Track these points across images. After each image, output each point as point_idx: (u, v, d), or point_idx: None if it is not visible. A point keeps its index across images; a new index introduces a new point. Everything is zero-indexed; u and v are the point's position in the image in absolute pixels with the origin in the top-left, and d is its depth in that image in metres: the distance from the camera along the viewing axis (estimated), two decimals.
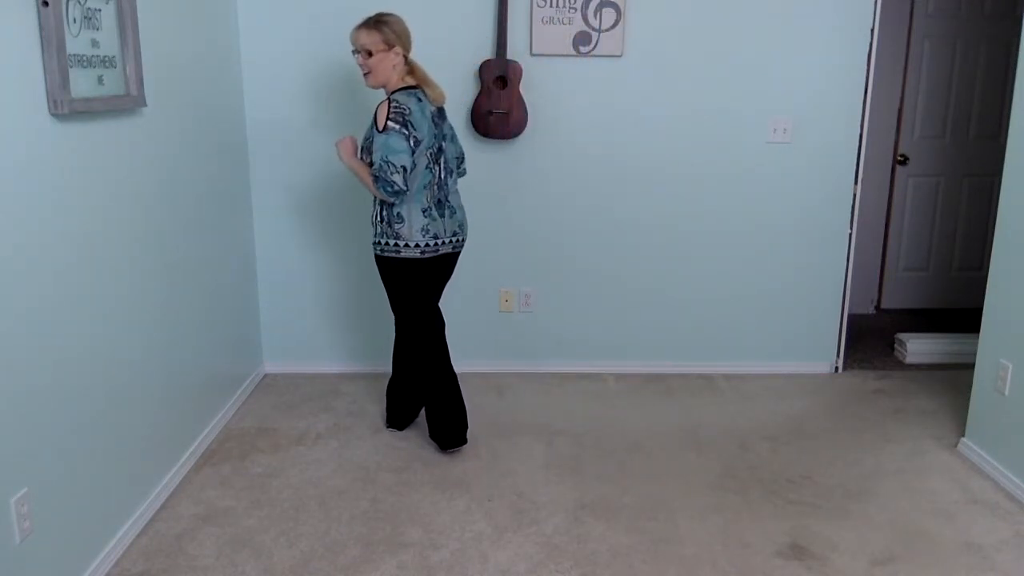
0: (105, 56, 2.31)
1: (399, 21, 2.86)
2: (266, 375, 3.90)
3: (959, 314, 4.94)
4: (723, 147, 3.76)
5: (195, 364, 3.05)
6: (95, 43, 2.26)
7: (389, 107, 2.74)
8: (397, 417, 3.28)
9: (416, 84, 2.87)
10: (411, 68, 2.89)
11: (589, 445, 3.19)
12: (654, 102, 3.70)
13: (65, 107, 2.07)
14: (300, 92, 3.64)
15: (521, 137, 3.69)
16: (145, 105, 2.53)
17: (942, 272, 5.06)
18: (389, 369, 3.92)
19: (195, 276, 3.05)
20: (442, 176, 2.91)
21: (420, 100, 2.81)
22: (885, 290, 5.04)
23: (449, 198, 2.94)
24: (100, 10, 2.29)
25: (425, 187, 2.85)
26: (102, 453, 2.35)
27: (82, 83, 2.19)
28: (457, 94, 3.64)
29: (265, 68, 3.61)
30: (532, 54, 3.61)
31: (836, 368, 4.02)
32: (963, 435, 3.19)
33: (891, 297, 5.05)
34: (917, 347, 4.14)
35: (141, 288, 2.59)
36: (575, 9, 3.56)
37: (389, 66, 2.82)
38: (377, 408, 3.50)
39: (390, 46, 2.80)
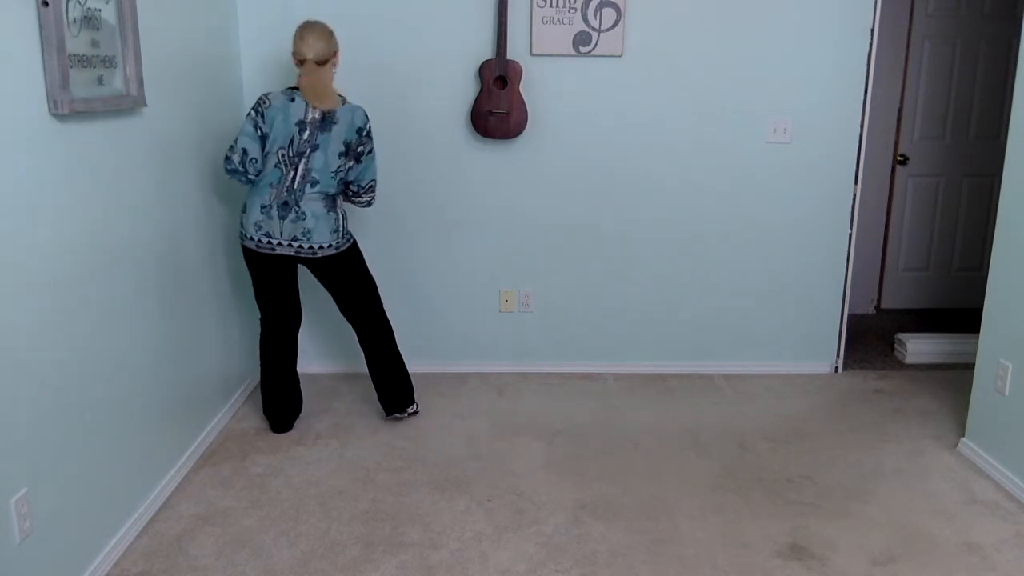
0: (105, 56, 2.31)
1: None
2: None
3: (959, 314, 4.94)
4: (723, 147, 3.76)
5: (195, 364, 3.05)
6: (95, 43, 2.26)
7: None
8: (274, 417, 3.29)
9: (297, 86, 2.97)
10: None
11: (589, 445, 3.19)
12: (654, 102, 3.70)
13: (65, 107, 2.07)
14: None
15: (521, 137, 3.69)
16: (145, 105, 2.53)
17: (942, 272, 5.05)
18: None
19: (195, 276, 3.05)
20: (294, 181, 2.94)
21: (292, 100, 2.94)
22: (885, 290, 5.04)
23: (300, 204, 2.95)
24: (100, 10, 2.29)
25: (271, 185, 2.96)
26: (102, 453, 2.35)
27: (82, 83, 2.19)
28: (457, 94, 3.65)
29: (265, 68, 3.61)
30: (532, 54, 3.61)
31: (836, 368, 4.02)
32: (963, 435, 3.19)
33: (891, 297, 5.05)
34: (917, 347, 4.14)
35: (141, 288, 2.59)
36: (575, 9, 3.56)
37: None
38: (376, 408, 3.50)
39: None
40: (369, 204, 3.14)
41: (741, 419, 3.45)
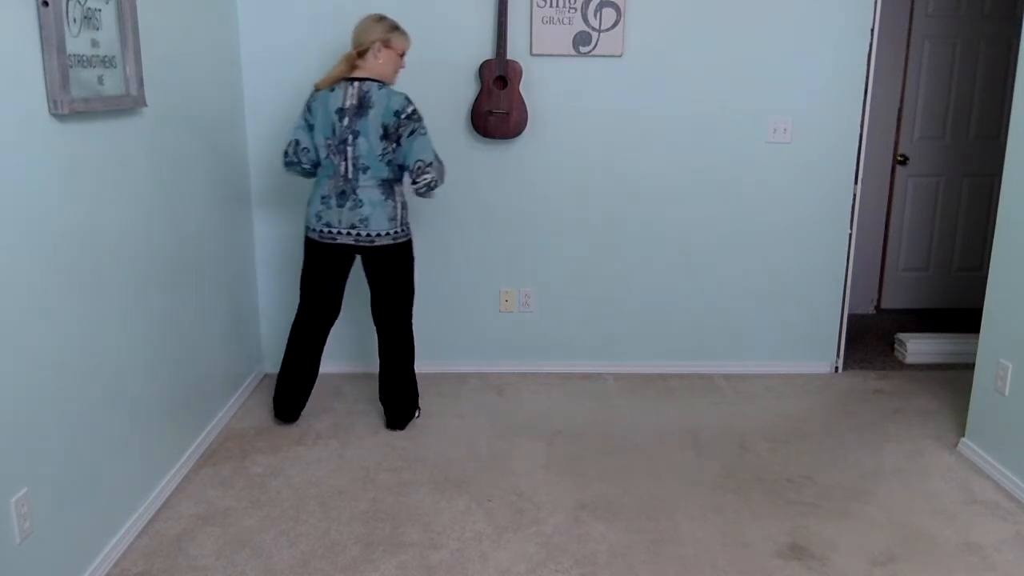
0: (105, 56, 2.31)
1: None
2: (266, 375, 3.90)
3: (959, 314, 4.94)
4: (723, 147, 3.76)
5: (195, 364, 3.05)
6: (95, 43, 2.26)
7: None
8: (281, 405, 3.33)
9: (347, 78, 3.04)
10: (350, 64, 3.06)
11: (589, 445, 3.19)
12: (654, 102, 3.70)
13: (65, 107, 2.07)
14: (300, 92, 3.64)
15: (521, 137, 3.69)
16: (145, 105, 2.53)
17: (942, 272, 5.06)
18: None
19: (195, 276, 3.05)
20: (347, 169, 3.01)
21: (332, 91, 3.01)
22: (885, 290, 5.04)
23: (357, 191, 3.02)
24: (100, 10, 2.29)
25: (329, 176, 3.04)
26: (102, 453, 2.35)
27: (82, 83, 2.19)
28: (457, 94, 3.65)
29: (265, 68, 3.61)
30: (532, 54, 3.61)
31: (836, 368, 4.02)
32: (963, 435, 3.19)
33: (891, 297, 5.05)
34: (917, 347, 4.14)
35: (141, 288, 2.59)
36: (575, 9, 3.56)
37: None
38: (377, 408, 3.50)
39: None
40: (428, 187, 3.00)
41: (741, 419, 3.45)
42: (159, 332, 2.73)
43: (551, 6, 3.55)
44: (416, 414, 3.35)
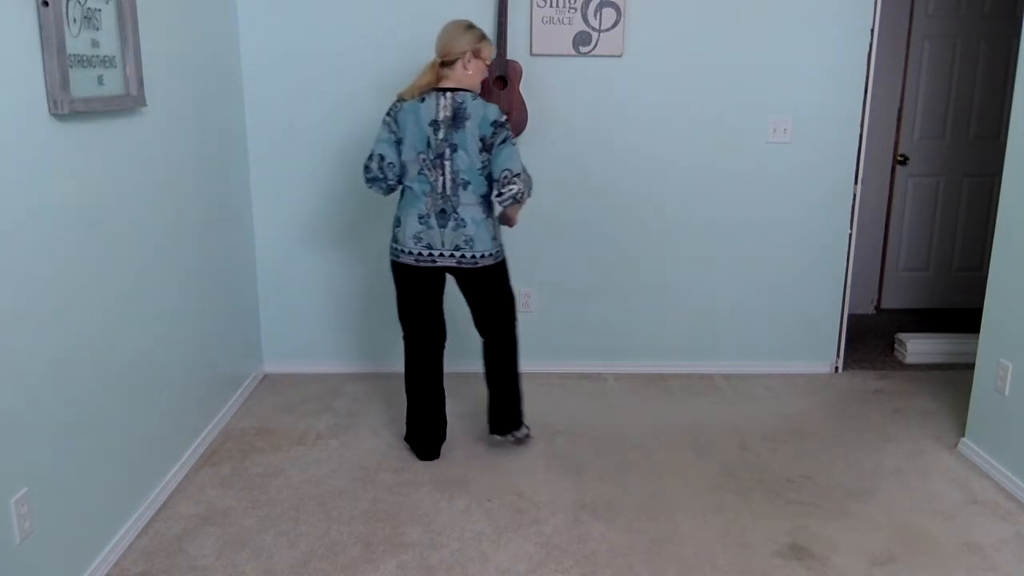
0: (105, 56, 2.31)
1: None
2: (266, 375, 3.90)
3: (959, 314, 4.94)
4: (723, 147, 3.76)
5: (195, 364, 3.05)
6: (95, 43, 2.26)
7: None
8: (422, 443, 3.10)
9: (432, 88, 2.85)
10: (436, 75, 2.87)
11: (589, 445, 3.19)
12: (654, 102, 3.70)
13: (65, 107, 2.07)
14: (300, 92, 3.64)
15: (521, 137, 3.68)
16: (145, 105, 2.53)
17: (942, 272, 5.05)
18: (389, 369, 3.92)
19: (195, 276, 3.05)
20: (445, 186, 2.82)
21: (423, 101, 2.81)
22: (885, 290, 5.04)
23: (458, 209, 2.82)
24: (100, 10, 2.29)
25: (424, 194, 2.83)
26: (102, 453, 2.35)
27: (82, 83, 2.19)
28: None
29: (265, 68, 3.61)
30: (532, 54, 3.61)
31: (836, 368, 4.02)
32: (963, 435, 3.19)
33: (891, 297, 5.05)
34: (917, 347, 4.14)
35: (141, 288, 2.59)
36: (575, 9, 3.56)
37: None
38: (377, 408, 3.50)
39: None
40: (514, 199, 2.76)
41: (741, 419, 3.45)
42: (158, 332, 2.73)
43: (551, 6, 3.55)
44: (524, 432, 3.14)
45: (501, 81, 3.56)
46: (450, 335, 3.97)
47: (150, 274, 2.66)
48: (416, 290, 2.95)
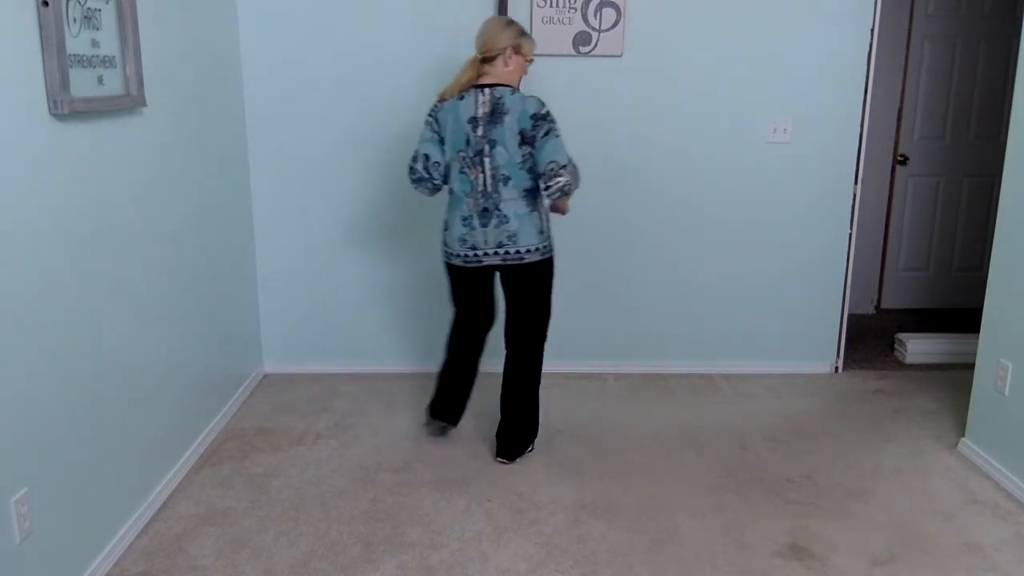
0: (105, 56, 2.31)
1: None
2: (266, 375, 3.90)
3: (959, 314, 4.94)
4: (723, 147, 3.76)
5: (195, 364, 3.05)
6: (95, 43, 2.26)
7: None
8: (441, 406, 3.17)
9: (472, 85, 2.83)
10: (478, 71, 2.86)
11: (589, 445, 3.19)
12: (654, 102, 3.70)
13: (65, 107, 2.07)
14: (300, 91, 3.64)
15: None
16: (145, 105, 2.53)
17: (942, 272, 5.06)
18: (388, 369, 3.93)
19: (195, 276, 3.05)
20: (485, 183, 2.80)
21: (461, 99, 2.80)
22: (885, 290, 5.04)
23: (500, 206, 2.80)
24: (100, 10, 2.29)
25: (466, 195, 2.83)
26: (102, 453, 2.35)
27: (82, 83, 2.19)
28: None
29: (265, 68, 3.61)
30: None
31: (836, 368, 4.02)
32: (963, 435, 3.19)
33: (891, 297, 5.05)
34: (917, 347, 4.14)
35: (141, 288, 2.59)
36: (575, 9, 3.56)
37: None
38: (377, 408, 3.51)
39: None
40: (561, 191, 2.71)
41: (741, 419, 3.45)
42: (158, 332, 2.73)
43: (551, 6, 3.55)
44: (530, 448, 3.12)
45: None
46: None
47: (150, 274, 2.66)
48: (467, 287, 2.99)
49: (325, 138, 3.69)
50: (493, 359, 3.91)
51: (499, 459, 3.04)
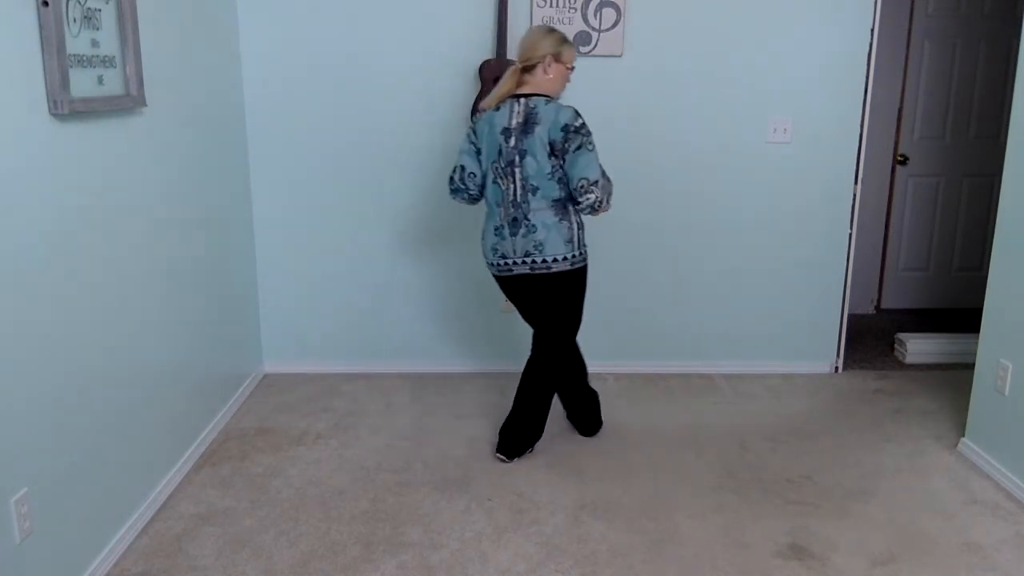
0: (105, 56, 2.31)
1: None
2: (266, 375, 3.90)
3: (959, 314, 4.94)
4: (723, 147, 3.76)
5: (195, 364, 3.05)
6: (95, 43, 2.26)
7: None
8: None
9: (513, 95, 2.85)
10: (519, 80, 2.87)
11: (589, 445, 3.19)
12: (654, 102, 3.70)
13: (65, 107, 2.07)
14: (300, 91, 3.64)
15: None
16: (145, 105, 2.53)
17: (942, 272, 5.05)
18: (388, 370, 3.93)
19: (195, 276, 3.05)
20: (515, 193, 2.82)
21: (497, 110, 2.84)
22: (885, 290, 5.04)
23: (529, 216, 2.82)
24: (100, 10, 2.29)
25: (498, 204, 2.87)
26: (102, 453, 2.35)
27: (82, 83, 2.19)
28: (457, 94, 3.65)
29: (265, 68, 3.61)
30: None
31: (836, 368, 4.02)
32: (963, 435, 3.19)
33: (891, 297, 5.05)
34: (917, 347, 4.14)
35: (141, 288, 2.59)
36: (575, 9, 3.56)
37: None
38: (377, 408, 3.50)
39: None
40: (592, 208, 2.78)
41: (741, 419, 3.45)
42: (158, 332, 2.73)
43: (551, 6, 3.55)
44: (530, 449, 3.10)
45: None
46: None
47: (149, 274, 2.66)
48: (513, 297, 3.03)
49: (325, 138, 3.69)
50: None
51: (498, 455, 3.04)
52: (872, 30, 3.65)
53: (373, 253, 3.81)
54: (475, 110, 3.58)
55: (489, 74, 3.55)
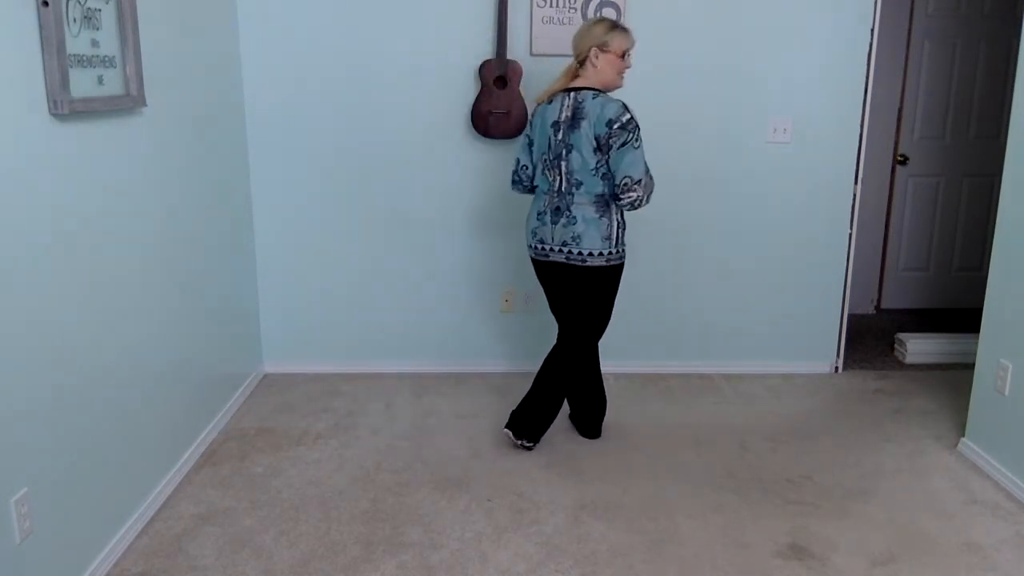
0: (105, 56, 2.31)
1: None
2: (266, 375, 3.90)
3: (959, 314, 4.94)
4: (723, 147, 3.76)
5: (195, 364, 3.05)
6: (95, 43, 2.26)
7: None
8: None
9: (565, 88, 2.91)
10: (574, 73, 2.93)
11: (589, 445, 3.19)
12: (654, 102, 3.69)
13: (65, 107, 2.07)
14: (300, 92, 3.64)
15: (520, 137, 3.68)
16: (145, 105, 2.53)
17: (942, 272, 5.05)
18: (388, 369, 3.93)
19: (195, 276, 3.05)
20: (561, 185, 2.89)
21: (550, 103, 2.91)
22: (885, 290, 5.04)
23: (571, 208, 2.87)
24: (100, 10, 2.29)
25: (544, 192, 2.96)
26: (102, 453, 2.35)
27: (82, 83, 2.19)
28: (457, 94, 3.65)
29: (265, 68, 3.61)
30: (532, 54, 3.61)
31: (836, 368, 4.02)
32: (963, 435, 3.19)
33: (891, 297, 5.05)
34: (917, 347, 4.14)
35: (141, 288, 2.59)
36: (575, 9, 3.56)
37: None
38: (377, 408, 3.51)
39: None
40: (632, 206, 2.81)
41: (741, 419, 3.45)
42: (159, 332, 2.73)
43: (551, 6, 3.55)
44: (528, 443, 3.10)
45: (501, 81, 3.56)
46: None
47: (150, 274, 2.66)
48: (545, 283, 3.10)
49: (325, 137, 3.69)
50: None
51: (506, 429, 3.10)
52: (872, 30, 3.65)
53: (373, 253, 3.81)
54: (475, 110, 3.58)
55: (489, 74, 3.56)
